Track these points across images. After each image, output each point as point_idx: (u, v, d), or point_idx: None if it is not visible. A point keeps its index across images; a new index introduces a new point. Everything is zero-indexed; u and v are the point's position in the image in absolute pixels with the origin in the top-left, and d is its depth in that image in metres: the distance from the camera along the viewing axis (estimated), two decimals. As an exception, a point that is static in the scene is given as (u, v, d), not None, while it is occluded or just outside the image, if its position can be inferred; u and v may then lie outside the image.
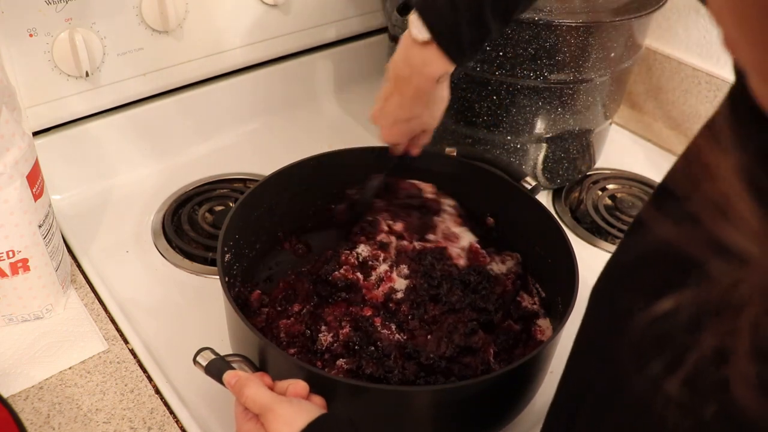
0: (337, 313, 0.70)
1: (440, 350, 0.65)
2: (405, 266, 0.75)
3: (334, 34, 1.07)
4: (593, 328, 0.43)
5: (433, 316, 0.70)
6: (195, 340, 0.62)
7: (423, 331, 0.68)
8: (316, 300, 0.72)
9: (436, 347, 0.65)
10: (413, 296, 0.72)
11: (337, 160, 0.77)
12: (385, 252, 0.77)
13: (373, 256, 0.76)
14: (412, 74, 0.65)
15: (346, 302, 0.72)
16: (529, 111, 0.85)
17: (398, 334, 0.68)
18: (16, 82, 0.77)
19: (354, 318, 0.69)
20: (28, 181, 0.64)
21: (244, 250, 0.72)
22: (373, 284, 0.73)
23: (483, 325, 0.69)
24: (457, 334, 0.66)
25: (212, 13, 0.91)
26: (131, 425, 0.63)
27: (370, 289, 0.73)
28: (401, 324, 0.69)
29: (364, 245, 0.77)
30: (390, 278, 0.74)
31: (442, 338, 0.66)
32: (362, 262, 0.75)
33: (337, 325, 0.69)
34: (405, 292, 0.72)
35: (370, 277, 0.74)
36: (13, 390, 0.65)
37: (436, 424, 0.58)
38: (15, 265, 0.66)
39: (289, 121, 1.08)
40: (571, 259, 0.64)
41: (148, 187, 0.93)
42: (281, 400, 0.51)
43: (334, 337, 0.67)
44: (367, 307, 0.71)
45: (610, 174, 1.03)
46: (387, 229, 0.79)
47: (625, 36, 0.83)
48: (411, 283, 0.73)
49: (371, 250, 0.76)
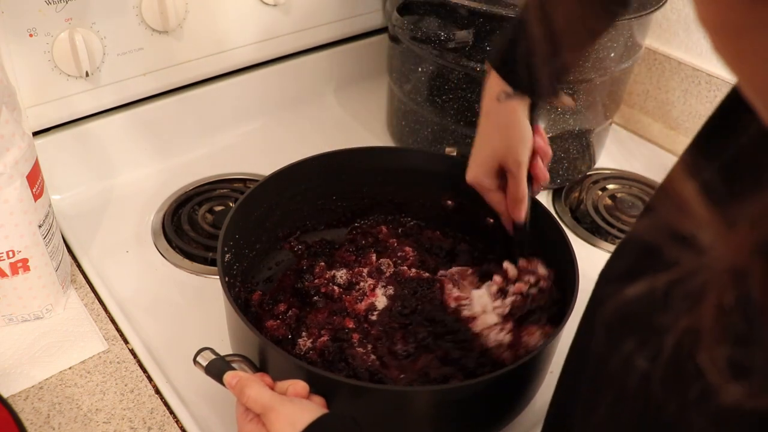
0: (320, 318, 0.69)
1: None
2: (391, 288, 0.73)
3: (334, 34, 1.07)
4: (582, 322, 0.46)
5: (405, 350, 0.66)
6: (195, 340, 0.62)
7: (395, 362, 0.65)
8: (299, 303, 0.71)
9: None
10: (387, 320, 0.69)
11: (336, 160, 0.77)
12: (375, 275, 0.74)
13: (353, 277, 0.74)
14: (498, 113, 0.66)
15: (329, 310, 0.70)
16: (529, 111, 0.85)
17: (373, 355, 0.66)
18: (16, 82, 0.77)
19: (334, 328, 0.68)
20: (28, 181, 0.64)
21: (244, 250, 0.72)
22: (356, 297, 0.71)
23: (462, 372, 0.64)
24: (428, 382, 0.63)
25: (212, 13, 0.91)
26: (131, 425, 0.63)
27: (353, 302, 0.71)
28: (377, 347, 0.67)
29: (346, 270, 0.74)
30: (373, 294, 0.72)
31: (413, 382, 0.63)
32: (338, 284, 0.73)
33: (316, 332, 0.67)
34: (380, 314, 0.70)
35: (355, 288, 0.73)
36: (13, 390, 0.65)
37: (436, 425, 0.58)
38: (15, 265, 0.66)
39: (289, 122, 1.08)
40: (571, 259, 0.64)
41: (148, 187, 0.93)
42: (283, 400, 0.51)
43: (313, 343, 0.66)
44: (349, 318, 0.69)
45: (610, 174, 1.03)
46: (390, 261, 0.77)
47: (625, 36, 0.84)
48: (389, 305, 0.71)
49: (349, 274, 0.74)
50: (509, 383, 0.58)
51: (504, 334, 0.65)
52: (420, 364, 0.65)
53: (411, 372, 0.64)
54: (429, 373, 0.64)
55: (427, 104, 0.91)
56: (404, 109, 0.97)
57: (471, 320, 0.68)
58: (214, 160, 0.98)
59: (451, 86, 0.87)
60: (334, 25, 1.06)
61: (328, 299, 0.71)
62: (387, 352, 0.66)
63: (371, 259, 0.76)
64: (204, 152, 1.00)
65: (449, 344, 0.66)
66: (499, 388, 0.58)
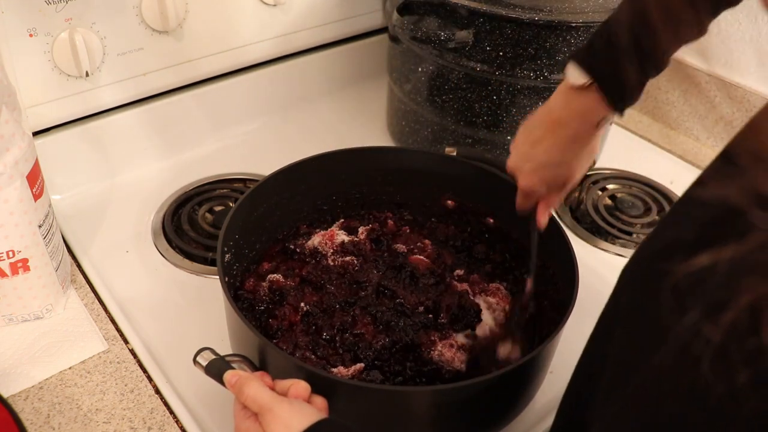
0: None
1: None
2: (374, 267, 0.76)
3: (334, 34, 1.07)
4: (627, 298, 0.43)
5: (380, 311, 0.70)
6: (195, 340, 0.62)
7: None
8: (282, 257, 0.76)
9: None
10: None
11: (336, 160, 0.77)
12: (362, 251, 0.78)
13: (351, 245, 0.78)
14: (572, 119, 0.61)
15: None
16: (529, 111, 0.85)
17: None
18: (16, 82, 0.77)
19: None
20: (28, 181, 0.64)
21: (244, 250, 0.72)
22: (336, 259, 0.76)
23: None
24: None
25: (213, 13, 0.91)
26: (131, 425, 0.63)
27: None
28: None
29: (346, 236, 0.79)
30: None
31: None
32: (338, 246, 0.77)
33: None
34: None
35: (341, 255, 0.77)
36: (13, 390, 0.65)
37: (436, 424, 0.58)
38: (15, 265, 0.66)
39: (289, 121, 1.08)
40: (571, 259, 0.64)
41: (149, 187, 0.93)
42: (281, 401, 0.51)
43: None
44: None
45: (610, 174, 1.03)
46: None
47: (625, 36, 0.83)
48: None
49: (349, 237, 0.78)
50: (509, 383, 0.58)
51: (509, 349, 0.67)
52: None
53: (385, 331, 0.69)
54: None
55: (427, 104, 0.91)
56: (404, 109, 0.97)
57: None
58: (214, 160, 0.98)
59: (451, 86, 0.87)
60: (334, 25, 1.06)
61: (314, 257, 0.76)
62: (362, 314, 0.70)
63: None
64: (204, 152, 1.00)
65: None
66: (499, 388, 0.58)
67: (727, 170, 0.31)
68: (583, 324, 0.51)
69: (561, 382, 0.68)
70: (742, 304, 0.24)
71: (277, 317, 0.69)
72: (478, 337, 0.70)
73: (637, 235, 0.91)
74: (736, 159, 0.27)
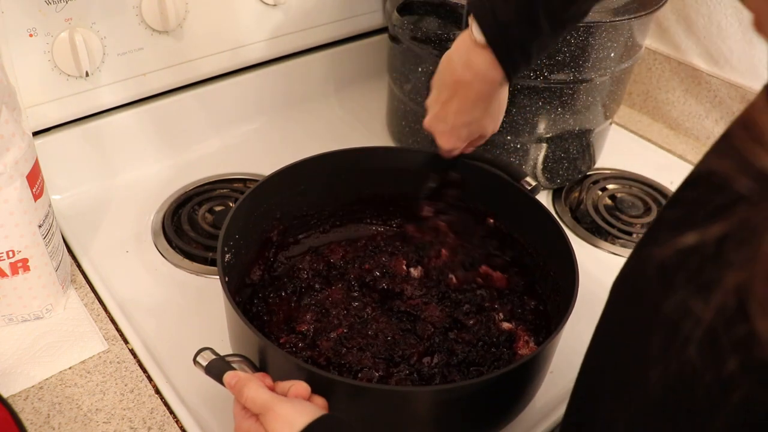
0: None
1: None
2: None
3: (334, 34, 1.07)
4: (622, 287, 0.43)
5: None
6: (195, 340, 0.62)
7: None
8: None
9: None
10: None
11: (336, 160, 0.77)
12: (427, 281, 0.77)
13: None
14: (474, 79, 0.62)
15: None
16: (529, 111, 0.85)
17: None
18: (16, 82, 0.77)
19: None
20: (28, 181, 0.64)
21: (243, 250, 0.72)
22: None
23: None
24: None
25: (212, 13, 0.91)
26: (131, 425, 0.63)
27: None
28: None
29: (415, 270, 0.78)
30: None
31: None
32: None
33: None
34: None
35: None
36: (13, 390, 0.65)
37: (436, 424, 0.58)
38: (15, 265, 0.67)
39: (289, 121, 1.08)
40: (571, 259, 0.64)
41: (148, 186, 0.93)
42: (281, 400, 0.51)
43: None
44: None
45: (610, 174, 1.03)
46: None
47: (625, 36, 0.83)
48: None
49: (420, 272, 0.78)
50: (509, 383, 0.58)
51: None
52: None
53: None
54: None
55: (427, 104, 0.91)
56: (404, 109, 0.97)
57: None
58: (214, 160, 0.98)
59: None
60: (334, 25, 1.06)
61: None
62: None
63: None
64: (204, 152, 1.00)
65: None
66: (499, 388, 0.58)
67: (718, 144, 0.31)
68: (584, 324, 0.51)
69: (561, 382, 0.68)
70: (729, 285, 0.24)
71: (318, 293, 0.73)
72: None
73: (637, 235, 0.91)
74: (727, 132, 0.27)
